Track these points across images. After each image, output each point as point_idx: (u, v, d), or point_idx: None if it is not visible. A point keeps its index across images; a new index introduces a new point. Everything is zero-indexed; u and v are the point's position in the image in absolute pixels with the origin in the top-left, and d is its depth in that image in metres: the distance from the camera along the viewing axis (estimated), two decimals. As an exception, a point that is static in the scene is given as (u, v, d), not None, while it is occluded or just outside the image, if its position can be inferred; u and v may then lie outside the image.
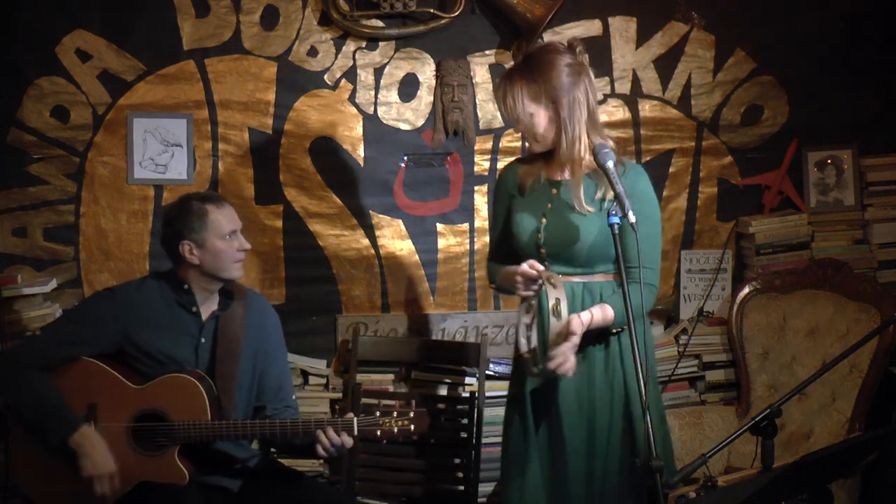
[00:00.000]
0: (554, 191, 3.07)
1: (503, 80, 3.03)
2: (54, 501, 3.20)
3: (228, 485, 3.26)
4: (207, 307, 3.25)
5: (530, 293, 2.99)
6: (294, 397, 3.40)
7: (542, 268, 2.95)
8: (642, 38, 4.11)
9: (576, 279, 3.05)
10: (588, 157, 2.99)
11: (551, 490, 3.09)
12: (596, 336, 3.02)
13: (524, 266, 2.95)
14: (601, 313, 2.96)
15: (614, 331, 3.03)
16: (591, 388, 3.04)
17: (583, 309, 2.98)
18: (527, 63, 3.01)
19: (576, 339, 2.90)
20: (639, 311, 2.97)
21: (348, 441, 3.06)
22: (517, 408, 3.15)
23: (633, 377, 3.00)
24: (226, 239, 3.18)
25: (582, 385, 3.04)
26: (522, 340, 2.99)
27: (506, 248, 3.17)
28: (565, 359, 2.89)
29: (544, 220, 3.05)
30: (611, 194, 2.94)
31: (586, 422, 3.05)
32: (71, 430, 3.09)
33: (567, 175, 3.05)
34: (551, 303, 2.84)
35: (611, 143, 3.03)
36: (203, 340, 3.23)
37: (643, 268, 2.94)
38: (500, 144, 4.10)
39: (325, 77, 4.01)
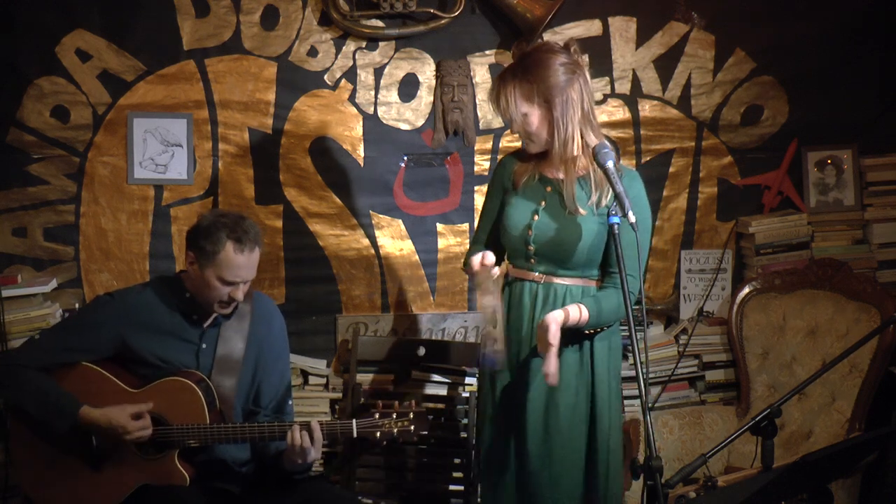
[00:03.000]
0: (548, 188, 3.07)
1: (496, 81, 3.04)
2: (54, 501, 3.20)
3: (230, 487, 3.25)
4: (210, 314, 3.23)
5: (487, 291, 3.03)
6: (291, 402, 3.38)
7: (491, 261, 2.99)
8: (642, 38, 4.11)
9: (560, 280, 3.06)
10: (583, 158, 3.00)
11: (519, 486, 3.12)
12: (568, 339, 3.01)
13: (475, 259, 3.00)
14: (577, 312, 2.96)
15: (587, 332, 3.03)
16: (557, 391, 3.05)
17: None
18: (521, 63, 3.01)
19: (556, 345, 2.88)
20: (617, 314, 3.00)
21: (308, 442, 3.01)
22: (488, 403, 3.18)
23: (602, 383, 3.07)
24: (222, 281, 3.10)
25: (548, 387, 3.04)
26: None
27: (491, 238, 3.18)
28: (554, 362, 2.89)
29: (536, 218, 3.06)
30: (605, 200, 2.97)
31: (546, 423, 3.07)
32: (75, 410, 3.06)
33: (561, 174, 3.06)
34: (488, 313, 2.90)
35: (608, 143, 3.03)
36: (204, 346, 3.22)
37: (627, 274, 2.94)
38: (500, 144, 4.10)
39: (325, 77, 4.01)
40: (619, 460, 3.13)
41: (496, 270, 3.04)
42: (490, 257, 3.02)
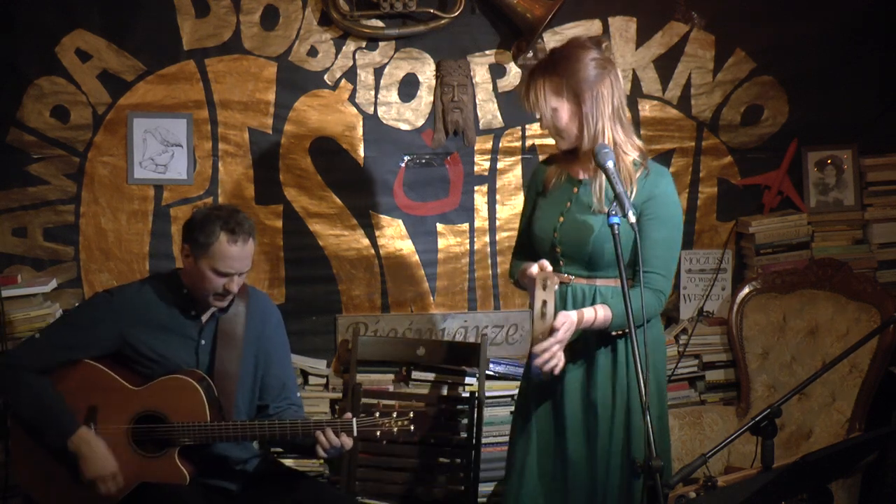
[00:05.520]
0: (575, 189, 3.04)
1: (526, 76, 3.01)
2: (54, 501, 3.20)
3: (229, 485, 3.26)
4: (207, 309, 3.24)
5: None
6: (298, 395, 3.39)
7: (549, 268, 2.91)
8: (642, 38, 4.11)
9: (589, 282, 3.01)
10: (621, 155, 2.94)
11: (550, 492, 3.09)
12: (598, 339, 3.00)
13: (533, 267, 2.92)
14: (598, 313, 2.92)
15: (613, 333, 2.99)
16: (592, 392, 3.02)
17: None
18: (551, 58, 2.99)
19: (560, 335, 2.85)
20: (638, 315, 2.79)
21: (348, 442, 3.06)
22: (522, 406, 3.15)
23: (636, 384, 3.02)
24: (216, 272, 3.11)
25: (585, 388, 3.03)
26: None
27: (529, 245, 3.15)
28: (551, 355, 2.85)
29: (562, 219, 3.02)
30: (630, 198, 2.86)
31: (586, 425, 3.03)
32: (69, 433, 3.09)
33: (590, 174, 3.02)
34: (538, 305, 2.81)
35: (639, 141, 3.00)
36: (203, 342, 3.23)
37: (654, 273, 2.90)
38: (500, 144, 4.10)
39: (325, 77, 4.01)
40: (665, 451, 3.07)
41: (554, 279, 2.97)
42: (547, 263, 2.93)
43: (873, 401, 3.89)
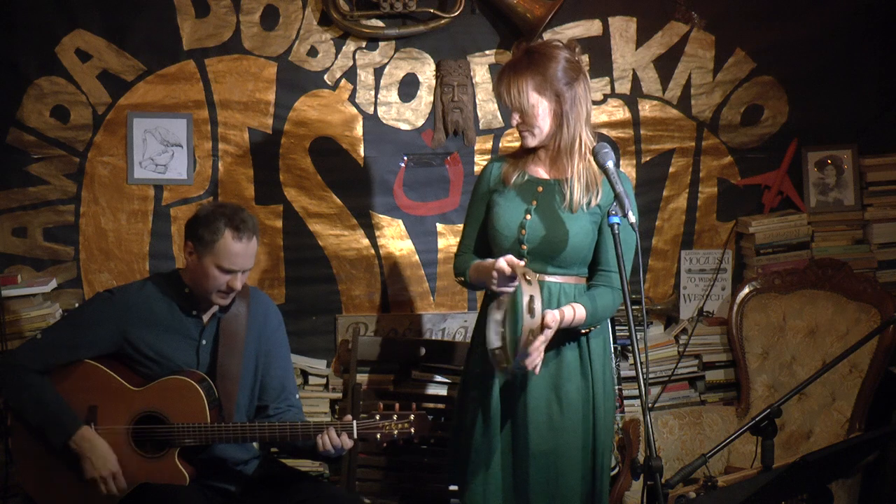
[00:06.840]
0: (539, 188, 3.08)
1: (507, 71, 3.04)
2: (54, 501, 3.20)
3: (230, 486, 3.26)
4: (209, 308, 3.24)
5: (507, 290, 2.96)
6: (297, 396, 3.40)
7: (520, 263, 2.95)
8: (642, 38, 4.11)
9: (552, 279, 3.07)
10: (588, 157, 3.01)
11: (513, 486, 3.12)
12: (566, 336, 3.04)
13: (501, 262, 2.93)
14: (572, 312, 2.97)
15: (583, 331, 3.05)
16: (561, 387, 3.07)
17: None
18: (530, 56, 3.03)
19: (549, 334, 2.91)
20: (609, 312, 3.05)
21: (348, 442, 3.06)
22: (481, 403, 3.15)
23: (600, 382, 3.09)
24: (221, 269, 3.12)
25: (551, 384, 3.07)
26: (494, 336, 2.98)
27: (480, 243, 3.17)
28: (539, 355, 2.90)
29: (528, 217, 3.06)
30: (597, 199, 3.01)
31: (550, 420, 3.07)
32: (71, 431, 3.09)
33: (557, 175, 3.07)
34: (525, 300, 2.81)
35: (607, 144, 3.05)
36: (204, 342, 3.23)
37: (612, 272, 2.98)
38: (500, 144, 4.10)
39: (325, 77, 4.01)
40: (609, 458, 3.17)
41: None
42: (514, 259, 2.96)
43: (873, 401, 3.89)
